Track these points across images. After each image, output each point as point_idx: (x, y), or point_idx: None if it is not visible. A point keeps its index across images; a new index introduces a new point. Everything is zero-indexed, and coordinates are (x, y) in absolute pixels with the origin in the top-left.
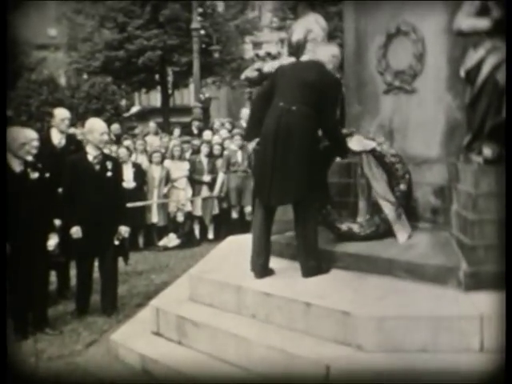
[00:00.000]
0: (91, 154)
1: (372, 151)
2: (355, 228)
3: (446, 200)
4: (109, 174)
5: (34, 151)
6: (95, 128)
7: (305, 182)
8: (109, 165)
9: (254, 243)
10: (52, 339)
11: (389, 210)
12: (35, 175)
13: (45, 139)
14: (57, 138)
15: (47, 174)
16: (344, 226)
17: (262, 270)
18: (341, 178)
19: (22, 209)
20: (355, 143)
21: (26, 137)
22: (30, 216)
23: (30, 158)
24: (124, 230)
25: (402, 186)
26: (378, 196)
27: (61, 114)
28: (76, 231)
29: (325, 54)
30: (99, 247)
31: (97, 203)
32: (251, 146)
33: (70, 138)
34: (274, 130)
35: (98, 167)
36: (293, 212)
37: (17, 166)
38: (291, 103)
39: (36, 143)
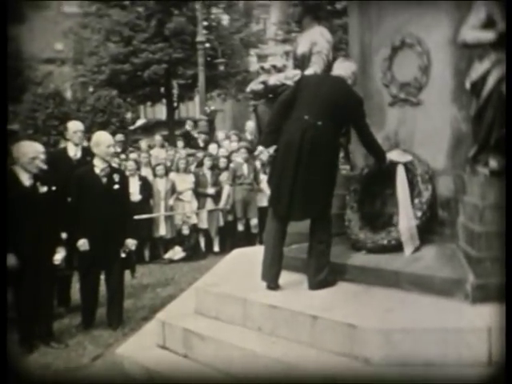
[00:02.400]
0: (98, 166)
1: (406, 163)
2: (373, 238)
3: (452, 212)
4: (116, 186)
5: (42, 165)
6: (101, 141)
7: (326, 198)
8: (116, 177)
9: (267, 254)
10: (57, 353)
11: (404, 221)
12: (44, 189)
13: (61, 152)
14: (72, 151)
15: (53, 188)
16: (362, 236)
17: (274, 280)
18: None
19: (30, 222)
20: (396, 155)
21: (36, 151)
22: (37, 229)
23: (37, 171)
24: (131, 243)
25: (425, 197)
26: (401, 207)
27: (73, 126)
28: (83, 244)
29: (346, 69)
30: (106, 260)
31: (104, 216)
32: (266, 153)
33: (86, 151)
34: (298, 143)
35: (105, 180)
36: (310, 225)
37: (26, 180)
38: (316, 117)
39: (43, 156)
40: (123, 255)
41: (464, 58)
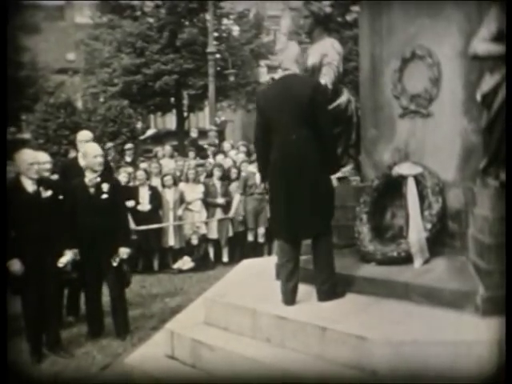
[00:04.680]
0: (88, 177)
1: (416, 175)
2: (382, 250)
3: (462, 224)
4: (104, 196)
5: (45, 173)
6: (88, 152)
7: (324, 210)
8: (105, 187)
9: (283, 269)
10: (66, 362)
11: (414, 233)
12: (47, 194)
13: (73, 162)
14: (82, 161)
15: (60, 196)
16: (371, 248)
17: (292, 295)
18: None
19: (34, 227)
20: (406, 168)
21: (34, 157)
22: (42, 234)
23: (37, 177)
24: (123, 252)
25: (435, 210)
26: (411, 218)
27: (80, 136)
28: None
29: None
30: (98, 269)
31: (92, 226)
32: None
33: None
34: (280, 165)
35: (92, 190)
36: (312, 238)
37: (29, 186)
38: (288, 131)
39: (48, 166)
40: (114, 264)
41: (474, 70)
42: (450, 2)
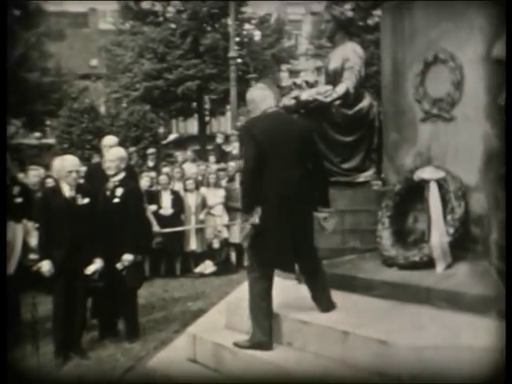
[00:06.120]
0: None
1: (438, 180)
2: (405, 254)
3: (484, 229)
4: (115, 200)
5: (79, 179)
6: (106, 156)
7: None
8: (118, 191)
9: (262, 309)
10: (90, 365)
11: (436, 237)
12: (84, 201)
13: (97, 166)
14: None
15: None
16: (393, 252)
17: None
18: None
19: (67, 231)
20: (428, 172)
21: (73, 165)
22: (74, 239)
23: (75, 184)
24: (125, 259)
25: (458, 214)
26: (433, 223)
27: (105, 140)
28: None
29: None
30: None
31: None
32: (252, 220)
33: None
34: (280, 200)
35: (108, 193)
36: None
37: (67, 191)
38: (289, 167)
39: (80, 171)
40: (120, 268)
41: (497, 75)
42: (473, 5)
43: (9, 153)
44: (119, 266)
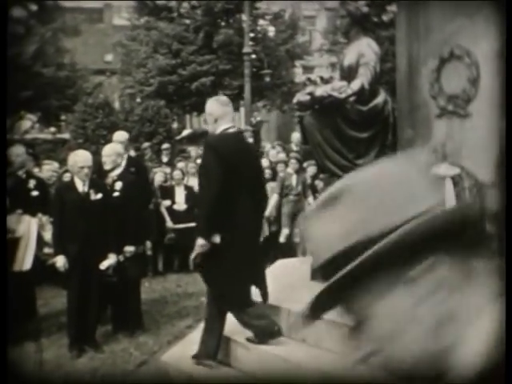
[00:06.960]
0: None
1: (454, 176)
2: None
3: (500, 226)
4: (115, 194)
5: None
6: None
7: None
8: (117, 185)
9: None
10: (104, 358)
11: None
12: (98, 196)
13: None
14: None
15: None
16: None
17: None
18: None
19: (81, 226)
20: (443, 169)
21: (85, 161)
22: (88, 234)
23: (87, 179)
24: (126, 250)
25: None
26: None
27: (115, 136)
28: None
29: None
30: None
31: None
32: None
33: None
34: (253, 228)
35: (108, 187)
36: None
37: (80, 186)
38: (259, 191)
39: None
40: (121, 260)
41: None
42: (489, 0)
43: (24, 147)
44: (121, 257)
